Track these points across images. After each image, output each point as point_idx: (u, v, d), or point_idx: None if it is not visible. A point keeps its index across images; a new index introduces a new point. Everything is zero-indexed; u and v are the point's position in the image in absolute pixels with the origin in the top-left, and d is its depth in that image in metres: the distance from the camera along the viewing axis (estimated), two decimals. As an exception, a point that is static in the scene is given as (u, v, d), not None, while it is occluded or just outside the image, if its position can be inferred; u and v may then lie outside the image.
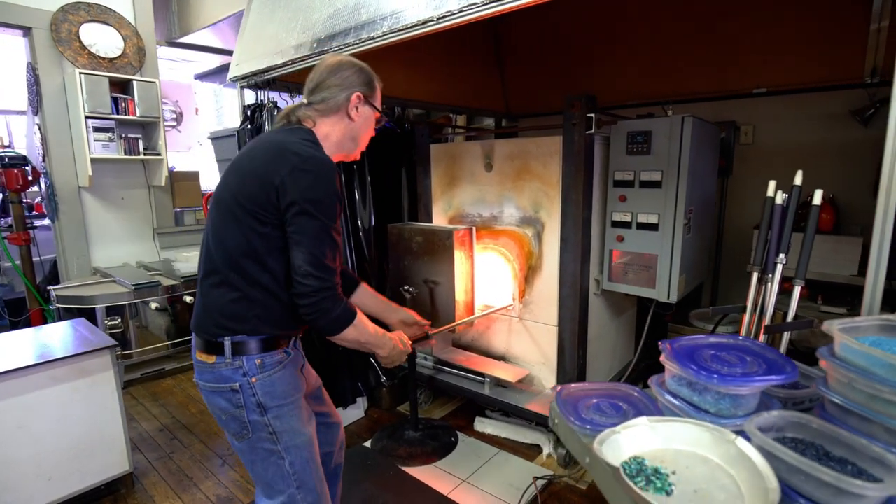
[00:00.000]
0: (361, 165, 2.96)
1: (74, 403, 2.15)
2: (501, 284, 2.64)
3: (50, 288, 3.46)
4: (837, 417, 0.98)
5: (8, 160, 3.60)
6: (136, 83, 3.75)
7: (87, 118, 3.55)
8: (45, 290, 3.84)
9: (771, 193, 1.58)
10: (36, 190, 4.29)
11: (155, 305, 3.51)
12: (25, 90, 3.76)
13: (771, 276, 1.56)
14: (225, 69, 3.30)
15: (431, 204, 2.95)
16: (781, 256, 1.53)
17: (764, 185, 3.10)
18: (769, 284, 1.57)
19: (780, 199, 1.56)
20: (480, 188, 2.71)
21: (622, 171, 2.33)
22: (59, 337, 2.34)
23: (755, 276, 1.63)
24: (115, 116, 3.69)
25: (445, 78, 3.43)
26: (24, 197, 3.77)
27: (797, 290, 1.51)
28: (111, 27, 3.83)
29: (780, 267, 1.54)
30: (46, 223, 4.13)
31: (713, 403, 1.00)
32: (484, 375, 2.63)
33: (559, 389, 1.12)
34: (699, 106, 3.05)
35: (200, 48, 5.04)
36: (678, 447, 0.94)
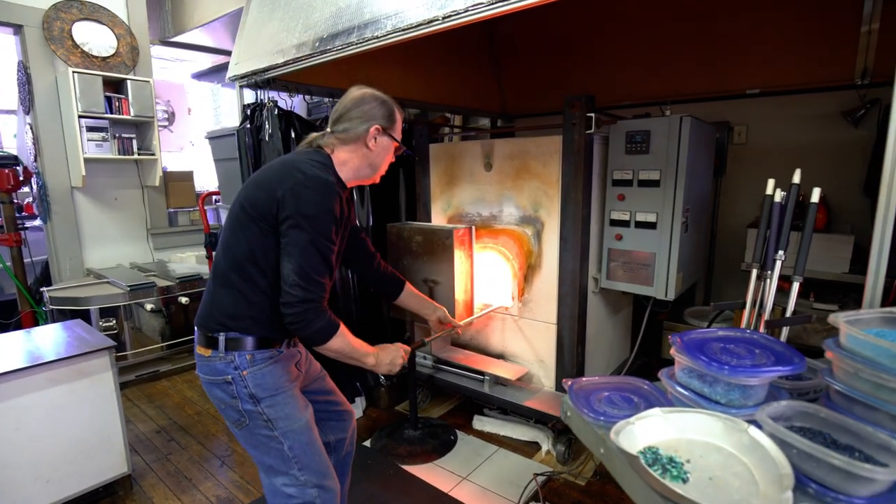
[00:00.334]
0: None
1: (72, 405, 2.13)
2: (501, 283, 2.65)
3: (43, 289, 3.41)
4: (843, 406, 1.00)
5: (-1, 160, 3.55)
6: (129, 82, 3.72)
7: (80, 117, 3.52)
8: (36, 291, 3.78)
9: (770, 192, 1.61)
10: (26, 191, 4.23)
11: (150, 307, 3.48)
12: (16, 89, 3.71)
13: (770, 272, 1.60)
14: (223, 68, 3.28)
15: (430, 203, 2.96)
16: (780, 253, 1.56)
17: (757, 184, 3.15)
18: (768, 281, 1.60)
19: (778, 197, 1.59)
20: (480, 187, 2.72)
21: (621, 170, 2.36)
22: (56, 338, 2.31)
23: (754, 272, 1.66)
24: (108, 116, 3.66)
25: (441, 78, 3.43)
26: (14, 198, 3.71)
27: (796, 285, 1.54)
28: (104, 26, 3.80)
29: (779, 263, 1.57)
30: (38, 224, 4.07)
31: (723, 394, 1.03)
32: (483, 373, 2.65)
33: (570, 383, 1.14)
34: (693, 106, 3.07)
35: (194, 47, 5.00)
36: (691, 437, 0.96)
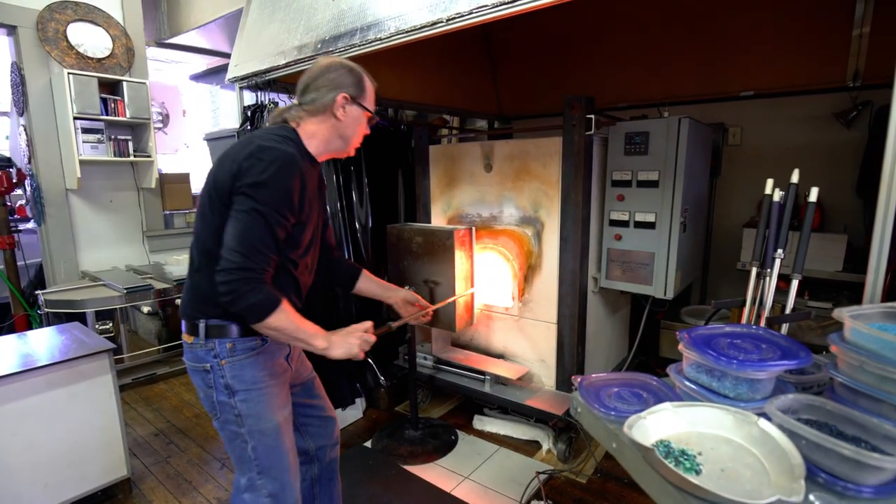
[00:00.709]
0: (359, 166, 2.97)
1: (71, 408, 2.11)
2: (501, 283, 2.67)
3: (38, 292, 3.38)
4: (848, 399, 1.03)
5: (-9, 163, 3.52)
6: (125, 84, 3.69)
7: (75, 119, 3.49)
8: (30, 294, 3.74)
9: (769, 191, 1.64)
10: (18, 193, 4.18)
11: (147, 309, 3.46)
12: (9, 90, 3.67)
13: (769, 270, 1.63)
14: (222, 70, 3.28)
15: (430, 204, 2.97)
16: (780, 251, 1.60)
17: (751, 185, 3.18)
18: (768, 279, 1.63)
19: (776, 196, 1.62)
20: (480, 188, 2.74)
21: (620, 171, 2.39)
22: (54, 341, 2.29)
23: (754, 270, 1.69)
24: (104, 118, 3.63)
25: (438, 80, 3.45)
26: (6, 200, 3.67)
27: (795, 283, 1.57)
28: (99, 27, 3.77)
29: (778, 262, 1.60)
30: (32, 226, 4.02)
31: (731, 388, 1.05)
32: (484, 373, 2.66)
33: (580, 380, 1.16)
34: (688, 108, 3.10)
35: (190, 49, 4.98)
36: (702, 430, 0.98)
